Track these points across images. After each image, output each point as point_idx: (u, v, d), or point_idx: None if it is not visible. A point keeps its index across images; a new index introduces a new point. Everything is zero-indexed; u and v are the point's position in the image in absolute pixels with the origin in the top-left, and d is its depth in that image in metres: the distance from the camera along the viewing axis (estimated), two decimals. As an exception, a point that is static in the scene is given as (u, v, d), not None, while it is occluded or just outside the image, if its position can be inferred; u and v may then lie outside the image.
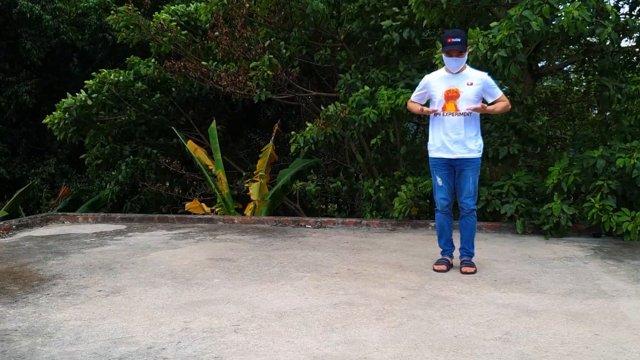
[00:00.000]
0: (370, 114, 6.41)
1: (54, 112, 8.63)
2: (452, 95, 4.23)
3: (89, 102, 8.48)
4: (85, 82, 8.72)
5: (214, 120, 8.89)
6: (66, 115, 8.48)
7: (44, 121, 8.71)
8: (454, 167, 4.34)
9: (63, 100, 8.62)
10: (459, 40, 4.15)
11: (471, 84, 4.22)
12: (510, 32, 5.27)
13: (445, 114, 4.27)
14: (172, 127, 9.04)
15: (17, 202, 9.70)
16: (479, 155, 4.32)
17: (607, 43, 5.42)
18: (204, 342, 2.94)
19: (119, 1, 9.85)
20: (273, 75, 7.33)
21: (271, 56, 7.25)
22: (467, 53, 4.24)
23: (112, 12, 8.50)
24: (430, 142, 4.43)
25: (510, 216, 5.95)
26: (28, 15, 9.84)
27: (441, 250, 4.57)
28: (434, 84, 4.35)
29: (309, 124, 6.99)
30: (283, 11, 7.39)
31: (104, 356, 2.75)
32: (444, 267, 4.41)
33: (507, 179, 6.13)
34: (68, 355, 2.76)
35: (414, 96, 4.53)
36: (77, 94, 8.61)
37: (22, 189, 9.88)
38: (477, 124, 4.32)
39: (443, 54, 4.25)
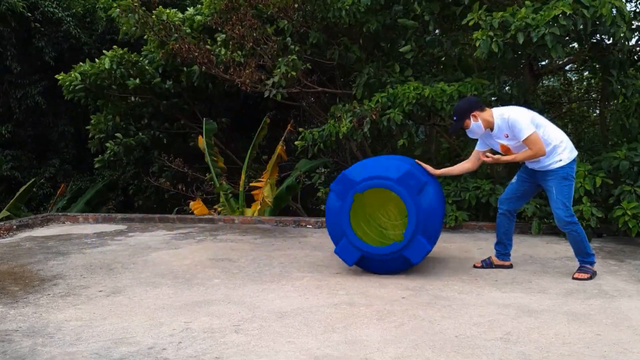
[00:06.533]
0: (395, 116, 6.30)
1: (70, 72, 8.62)
2: (507, 150, 4.27)
3: (107, 66, 8.41)
4: (104, 52, 8.69)
5: (267, 116, 8.84)
6: (80, 78, 8.49)
7: (57, 76, 8.69)
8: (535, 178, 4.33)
9: (81, 63, 8.62)
10: (455, 118, 4.30)
11: (507, 136, 4.17)
12: (570, 11, 5.09)
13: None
14: (203, 118, 8.96)
15: (20, 202, 9.67)
16: (559, 165, 4.12)
17: (622, 42, 5.45)
18: (205, 343, 2.93)
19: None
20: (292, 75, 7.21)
21: (295, 57, 7.12)
22: (472, 121, 4.19)
23: (114, 5, 8.43)
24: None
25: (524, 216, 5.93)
26: (52, 19, 9.90)
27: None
28: (486, 139, 4.39)
29: (331, 121, 6.87)
30: (301, 9, 7.27)
31: (105, 356, 2.75)
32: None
33: None
34: (69, 356, 2.76)
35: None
36: (96, 59, 8.61)
37: (23, 187, 9.87)
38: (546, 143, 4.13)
39: None
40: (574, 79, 10.57)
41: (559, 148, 4.11)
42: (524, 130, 4.04)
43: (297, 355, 2.77)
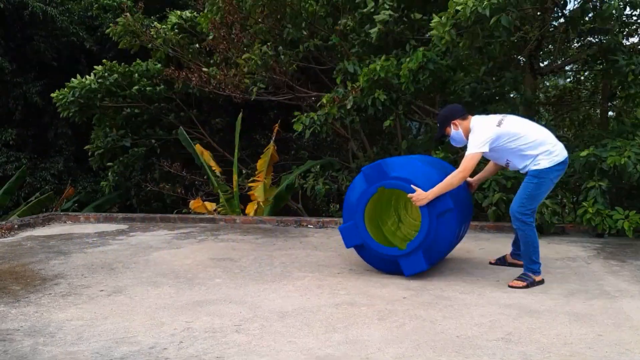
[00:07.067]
0: (380, 96, 6.42)
1: (63, 89, 8.81)
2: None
3: (94, 85, 8.69)
4: (95, 67, 8.92)
5: (241, 113, 8.92)
6: (70, 94, 8.69)
7: (52, 95, 8.84)
8: None
9: (72, 79, 8.79)
10: (438, 125, 4.37)
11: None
12: None
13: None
14: (180, 127, 9.16)
15: (32, 210, 9.59)
16: (535, 167, 4.06)
17: (614, 15, 5.57)
18: (206, 342, 2.93)
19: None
20: (270, 71, 7.40)
21: (262, 46, 7.31)
22: (452, 130, 4.21)
23: (110, 25, 8.88)
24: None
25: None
26: (41, 17, 9.93)
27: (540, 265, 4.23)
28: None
29: (325, 107, 6.99)
30: (277, 13, 7.46)
31: (106, 356, 2.75)
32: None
33: (496, 176, 6.09)
34: (70, 355, 2.76)
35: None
36: (86, 76, 8.81)
37: (41, 197, 9.86)
38: (520, 159, 4.10)
39: None
40: (574, 79, 10.57)
41: (537, 159, 4.02)
42: (471, 144, 4.04)
43: (298, 355, 2.76)
